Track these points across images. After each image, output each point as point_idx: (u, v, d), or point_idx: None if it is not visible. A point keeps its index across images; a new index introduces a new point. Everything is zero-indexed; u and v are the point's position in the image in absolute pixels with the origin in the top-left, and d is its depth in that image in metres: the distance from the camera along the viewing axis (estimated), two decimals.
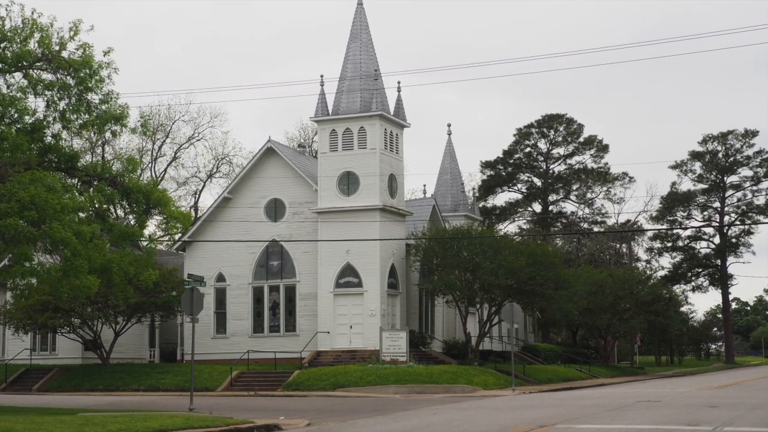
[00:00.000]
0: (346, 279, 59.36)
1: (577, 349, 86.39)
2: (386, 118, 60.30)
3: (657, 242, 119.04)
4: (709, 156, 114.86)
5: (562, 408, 33.14)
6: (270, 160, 62.63)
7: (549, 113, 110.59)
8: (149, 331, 67.25)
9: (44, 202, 31.72)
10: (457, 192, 76.27)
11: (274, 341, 60.49)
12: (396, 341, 54.91)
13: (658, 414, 29.08)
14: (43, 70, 34.70)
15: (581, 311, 75.52)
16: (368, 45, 61.76)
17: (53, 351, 64.40)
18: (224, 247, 62.10)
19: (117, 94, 35.28)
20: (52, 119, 35.26)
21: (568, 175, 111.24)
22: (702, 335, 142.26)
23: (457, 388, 49.50)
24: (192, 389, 38.31)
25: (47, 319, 56.89)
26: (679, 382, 62.83)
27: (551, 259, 62.70)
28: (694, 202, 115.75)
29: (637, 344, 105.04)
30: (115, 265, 35.44)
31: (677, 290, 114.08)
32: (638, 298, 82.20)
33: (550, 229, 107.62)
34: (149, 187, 37.62)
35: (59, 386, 56.48)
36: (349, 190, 59.51)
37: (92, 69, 34.33)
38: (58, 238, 31.87)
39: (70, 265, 32.95)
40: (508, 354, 62.90)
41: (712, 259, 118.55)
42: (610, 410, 31.31)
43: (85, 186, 36.58)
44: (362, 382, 50.42)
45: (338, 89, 61.36)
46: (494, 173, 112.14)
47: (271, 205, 62.31)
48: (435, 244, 60.73)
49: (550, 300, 62.33)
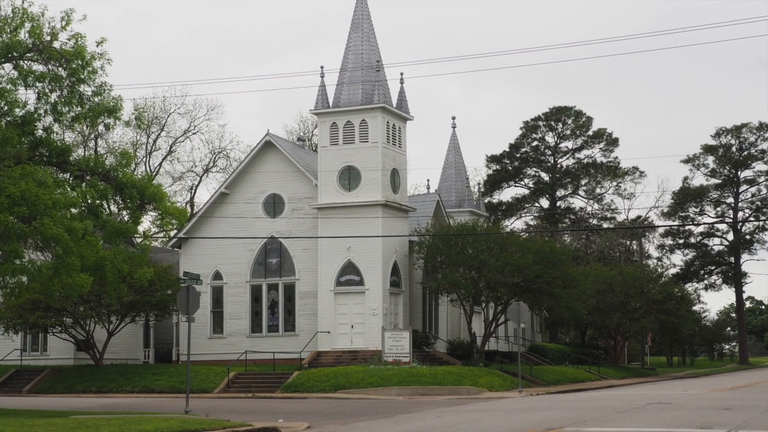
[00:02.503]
0: (347, 277, 59.37)
1: (585, 350, 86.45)
2: (389, 111, 60.28)
3: (668, 239, 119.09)
4: (723, 150, 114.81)
5: (570, 410, 33.16)
6: (268, 154, 62.63)
7: (557, 105, 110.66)
8: (144, 331, 67.33)
9: (35, 197, 31.73)
10: (461, 187, 76.28)
11: (272, 341, 60.52)
12: (399, 341, 54.95)
13: (670, 416, 29.08)
14: (34, 61, 34.69)
15: (590, 310, 75.56)
16: (370, 35, 61.73)
17: (44, 351, 64.48)
18: (221, 244, 62.11)
19: (110, 85, 35.29)
20: (43, 112, 35.24)
21: (577, 170, 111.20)
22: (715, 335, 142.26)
23: (462, 389, 49.52)
24: (188, 391, 38.30)
25: (38, 319, 56.94)
26: (692, 383, 62.84)
27: (559, 256, 62.73)
28: (706, 198, 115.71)
29: (648, 344, 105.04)
30: (109, 263, 35.45)
31: (689, 289, 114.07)
32: (649, 296, 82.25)
33: (558, 225, 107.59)
34: (144, 182, 37.63)
35: (51, 388, 56.54)
36: (350, 185, 59.51)
37: (85, 60, 34.31)
38: (50, 235, 31.89)
39: (62, 262, 32.97)
40: (514, 354, 62.92)
41: (725, 256, 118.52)
42: (620, 412, 31.32)
43: (77, 181, 36.57)
44: (364, 383, 50.46)
45: (339, 81, 61.34)
46: (500, 168, 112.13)
47: (270, 201, 62.31)
48: (439, 240, 60.73)
49: (558, 299, 62.36)
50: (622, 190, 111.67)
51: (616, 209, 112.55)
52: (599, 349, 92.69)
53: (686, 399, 39.09)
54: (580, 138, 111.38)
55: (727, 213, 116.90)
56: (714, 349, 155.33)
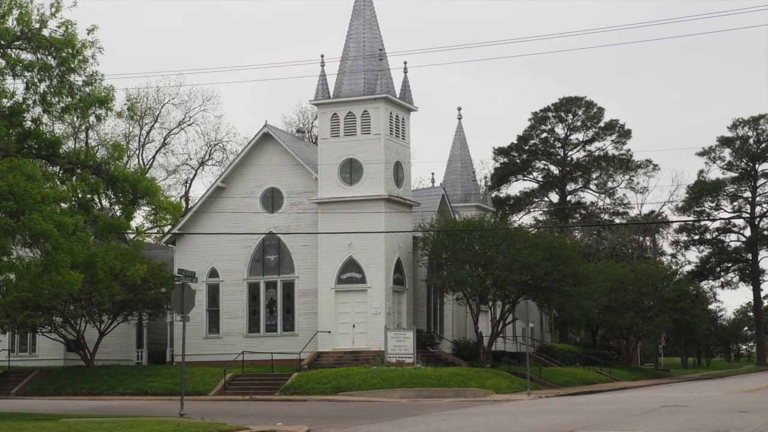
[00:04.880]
0: (349, 274, 59.39)
1: (597, 350, 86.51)
2: (392, 101, 60.28)
3: (683, 235, 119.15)
4: (740, 142, 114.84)
5: (581, 413, 33.18)
6: (266, 146, 62.64)
7: (567, 96, 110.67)
8: (136, 330, 67.39)
9: (23, 191, 31.76)
10: (467, 181, 76.29)
11: (271, 341, 60.54)
12: (402, 341, 55.01)
13: (685, 419, 29.11)
14: (23, 49, 34.73)
15: (601, 309, 75.60)
16: (372, 22, 61.71)
17: (33, 352, 64.56)
18: (217, 240, 62.12)
19: (102, 75, 35.34)
20: (32, 102, 35.30)
21: (588, 163, 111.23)
22: (732, 335, 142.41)
23: (468, 391, 49.57)
24: (182, 393, 38.36)
25: (27, 318, 57.00)
26: (707, 385, 62.87)
27: (569, 253, 62.74)
28: (723, 192, 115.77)
29: (662, 345, 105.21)
30: (100, 260, 35.48)
31: (705, 287, 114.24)
32: (663, 295, 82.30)
33: (568, 220, 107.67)
34: (136, 175, 37.68)
35: (39, 390, 56.62)
36: (351, 178, 59.52)
37: (75, 48, 34.34)
38: (39, 231, 31.91)
39: (52, 259, 32.99)
40: (522, 355, 62.95)
41: (742, 252, 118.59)
42: (633, 416, 31.34)
43: (67, 174, 36.61)
44: (366, 385, 50.50)
45: (340, 70, 61.33)
46: (508, 160, 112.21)
47: (268, 195, 62.33)
48: (444, 236, 60.75)
49: (568, 297, 62.36)
50: (634, 184, 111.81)
51: (629, 204, 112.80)
52: (611, 350, 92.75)
53: (701, 401, 39.11)
54: (591, 129, 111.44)
55: (744, 208, 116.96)
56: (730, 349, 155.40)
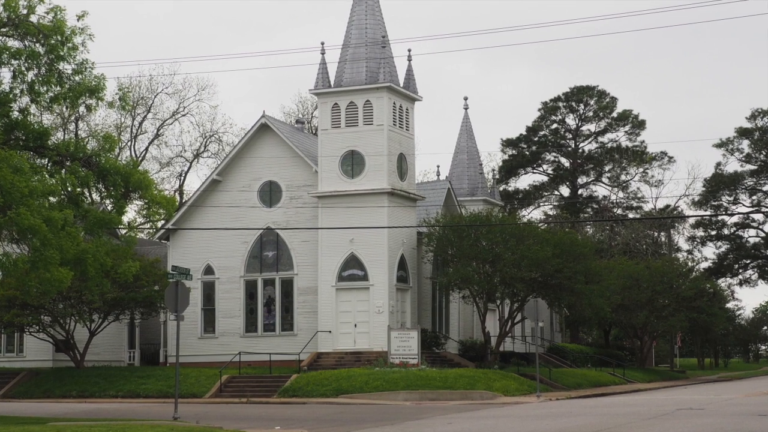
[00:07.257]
0: (350, 271, 59.42)
1: (609, 351, 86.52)
2: (395, 91, 60.25)
3: (700, 230, 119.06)
4: (759, 133, 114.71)
5: (593, 416, 33.19)
6: (264, 137, 62.64)
7: (578, 85, 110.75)
8: (128, 330, 67.41)
9: (10, 185, 31.75)
10: (474, 174, 76.31)
11: (269, 341, 60.59)
12: (406, 341, 55.02)
13: (701, 423, 29.10)
14: (9, 36, 34.71)
15: (614, 308, 75.55)
16: (375, 8, 61.69)
17: (20, 353, 64.56)
18: (213, 236, 62.17)
19: (92, 63, 35.32)
20: (19, 92, 35.28)
21: (600, 155, 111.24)
22: (750, 335, 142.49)
23: (475, 394, 49.58)
24: (176, 396, 38.37)
25: (13, 317, 57.04)
26: (725, 387, 62.88)
27: (581, 249, 62.74)
28: (741, 185, 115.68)
29: (678, 345, 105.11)
30: (90, 256, 35.48)
31: (722, 284, 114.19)
32: (679, 293, 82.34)
33: (579, 215, 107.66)
34: (128, 168, 37.66)
35: (27, 392, 56.65)
36: (353, 171, 59.52)
37: (64, 35, 34.31)
38: (26, 226, 31.90)
39: (40, 255, 32.98)
40: (532, 356, 62.99)
41: (761, 249, 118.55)
42: (647, 419, 31.35)
43: (56, 167, 36.62)
44: (368, 387, 50.52)
45: (341, 58, 61.32)
46: (516, 152, 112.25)
47: (266, 189, 62.34)
48: (450, 232, 60.74)
49: (579, 295, 62.36)
50: (649, 177, 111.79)
51: (643, 198, 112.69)
52: (624, 350, 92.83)
53: (719, 404, 39.13)
54: (603, 120, 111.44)
55: (764, 202, 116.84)
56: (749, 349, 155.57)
